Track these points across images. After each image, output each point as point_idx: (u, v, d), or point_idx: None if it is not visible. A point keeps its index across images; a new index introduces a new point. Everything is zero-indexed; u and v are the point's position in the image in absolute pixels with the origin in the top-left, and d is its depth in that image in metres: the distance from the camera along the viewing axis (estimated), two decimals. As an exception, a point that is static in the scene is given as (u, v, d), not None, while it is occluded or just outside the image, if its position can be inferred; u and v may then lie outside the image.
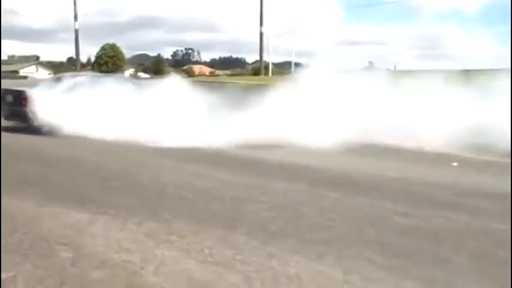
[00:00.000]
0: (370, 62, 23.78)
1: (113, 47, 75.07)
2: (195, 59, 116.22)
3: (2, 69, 73.06)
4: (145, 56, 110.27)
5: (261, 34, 43.43)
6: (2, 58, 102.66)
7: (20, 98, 12.76)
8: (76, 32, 44.98)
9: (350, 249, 4.38)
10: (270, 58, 46.98)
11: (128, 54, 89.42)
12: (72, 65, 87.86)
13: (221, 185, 6.91)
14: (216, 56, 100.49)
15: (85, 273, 3.65)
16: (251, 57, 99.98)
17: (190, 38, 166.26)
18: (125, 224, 4.79)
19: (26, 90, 13.04)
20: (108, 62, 72.38)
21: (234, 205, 5.83)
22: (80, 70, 55.88)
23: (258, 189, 6.58)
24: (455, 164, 9.85)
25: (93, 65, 77.49)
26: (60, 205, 5.41)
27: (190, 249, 4.22)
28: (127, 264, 3.82)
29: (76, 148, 10.22)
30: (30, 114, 12.06)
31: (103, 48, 75.85)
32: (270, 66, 64.43)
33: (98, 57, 76.41)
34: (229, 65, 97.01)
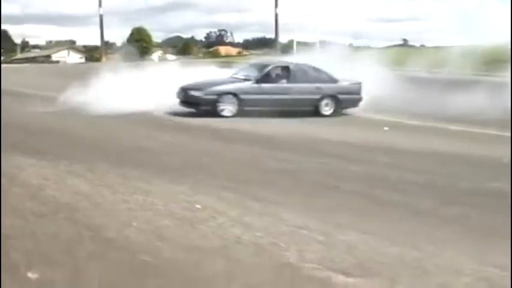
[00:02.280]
0: (404, 40, 25.13)
1: (139, 31, 77.07)
2: (228, 40, 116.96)
3: (36, 55, 76.79)
4: (179, 38, 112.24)
5: (276, 15, 45.11)
6: (40, 43, 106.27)
7: None
8: (100, 17, 47.16)
9: (208, 180, 6.01)
10: (295, 37, 49.11)
11: (162, 37, 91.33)
12: (107, 48, 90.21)
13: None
14: (250, 36, 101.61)
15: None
16: (285, 37, 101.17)
17: (224, 19, 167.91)
18: (56, 166, 6.50)
19: None
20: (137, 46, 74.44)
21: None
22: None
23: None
24: (386, 128, 11.27)
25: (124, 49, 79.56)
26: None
27: (93, 179, 5.90)
28: (41, 186, 5.51)
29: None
30: None
31: (131, 32, 78.04)
32: (294, 45, 66.19)
33: (127, 41, 78.64)
34: (263, 45, 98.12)
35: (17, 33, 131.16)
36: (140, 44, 75.32)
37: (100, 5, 47.42)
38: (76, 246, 3.65)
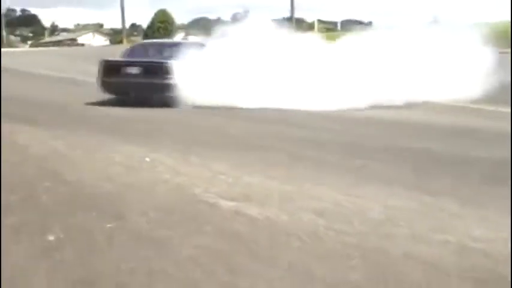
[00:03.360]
0: (434, 16, 23.47)
1: (163, 13, 78.47)
2: None
3: (62, 38, 79.24)
4: (206, 19, 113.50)
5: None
6: (68, 26, 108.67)
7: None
8: (121, 1, 48.64)
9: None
10: (315, 16, 50.67)
11: (189, 18, 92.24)
12: (134, 31, 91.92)
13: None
14: (277, 16, 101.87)
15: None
16: (312, 16, 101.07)
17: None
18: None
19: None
20: (160, 28, 75.96)
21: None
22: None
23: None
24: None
25: (146, 31, 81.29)
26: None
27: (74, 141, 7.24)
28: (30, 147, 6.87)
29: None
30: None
31: (155, 14, 79.54)
32: (316, 24, 67.32)
33: (151, 23, 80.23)
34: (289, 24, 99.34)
35: (46, 17, 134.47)
36: (165, 25, 76.93)
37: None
38: (36, 182, 4.97)
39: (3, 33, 65.53)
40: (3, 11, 73.47)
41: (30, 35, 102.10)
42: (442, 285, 3.18)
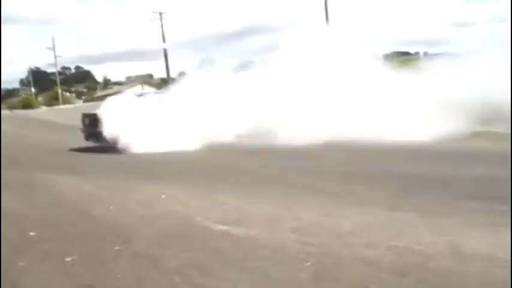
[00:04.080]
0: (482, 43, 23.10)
1: (206, 59, 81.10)
2: None
3: (112, 91, 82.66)
4: (251, 63, 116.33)
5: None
6: (122, 80, 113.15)
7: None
8: (165, 51, 51.22)
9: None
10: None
11: (234, 62, 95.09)
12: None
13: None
14: None
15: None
16: None
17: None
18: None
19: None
20: (205, 74, 78.50)
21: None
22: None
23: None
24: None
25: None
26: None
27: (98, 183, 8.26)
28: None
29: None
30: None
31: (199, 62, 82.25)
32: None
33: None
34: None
35: (99, 72, 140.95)
36: (207, 72, 79.45)
37: (164, 40, 51.39)
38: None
39: (59, 90, 69.42)
40: (58, 68, 77.94)
41: (85, 90, 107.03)
42: (379, 279, 3.86)
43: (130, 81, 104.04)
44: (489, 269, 3.84)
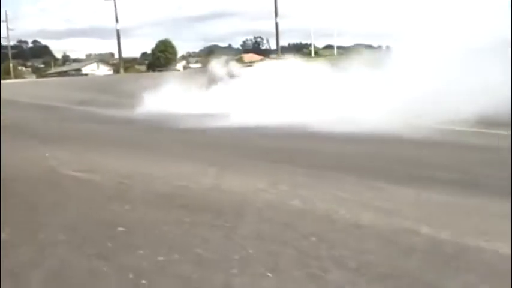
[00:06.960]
0: None
1: (164, 42, 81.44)
2: (264, 47, 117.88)
3: (67, 69, 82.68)
4: (216, 47, 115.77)
5: (277, 24, 49.10)
6: (79, 57, 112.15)
7: None
8: (117, 32, 52.01)
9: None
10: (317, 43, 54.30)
11: (200, 46, 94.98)
12: (145, 59, 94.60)
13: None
14: (286, 43, 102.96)
15: None
16: (321, 43, 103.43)
17: (261, 26, 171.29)
18: None
19: None
20: (160, 57, 78.86)
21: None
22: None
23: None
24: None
25: (150, 60, 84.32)
26: None
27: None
28: None
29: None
30: None
31: (156, 44, 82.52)
32: (312, 49, 71.25)
33: (152, 53, 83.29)
34: (298, 51, 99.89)
35: (59, 48, 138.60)
36: (165, 55, 79.83)
37: (117, 20, 52.17)
38: None
39: (10, 64, 68.95)
40: (12, 42, 77.17)
41: (42, 65, 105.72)
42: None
43: (90, 59, 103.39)
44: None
